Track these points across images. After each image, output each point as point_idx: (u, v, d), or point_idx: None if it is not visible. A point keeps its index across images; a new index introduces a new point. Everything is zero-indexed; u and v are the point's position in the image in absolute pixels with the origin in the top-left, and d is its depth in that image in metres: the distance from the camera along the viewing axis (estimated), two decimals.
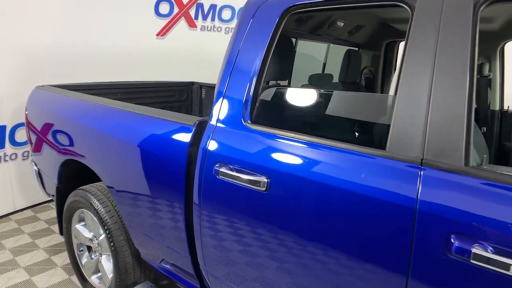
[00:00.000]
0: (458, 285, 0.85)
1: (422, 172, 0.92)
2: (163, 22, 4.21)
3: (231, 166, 1.27)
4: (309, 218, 1.09)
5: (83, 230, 2.17)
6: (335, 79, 2.32)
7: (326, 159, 1.09)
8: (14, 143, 3.19)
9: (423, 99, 0.95)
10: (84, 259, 2.24)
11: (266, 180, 1.18)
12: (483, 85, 2.12)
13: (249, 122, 1.31)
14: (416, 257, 0.90)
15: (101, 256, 2.09)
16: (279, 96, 1.44)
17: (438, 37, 0.95)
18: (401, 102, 0.99)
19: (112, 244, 1.92)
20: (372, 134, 1.26)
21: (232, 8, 4.43)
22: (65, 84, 2.64)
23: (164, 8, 4.20)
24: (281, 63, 1.46)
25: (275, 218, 1.17)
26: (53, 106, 2.28)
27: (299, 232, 1.11)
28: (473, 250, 0.81)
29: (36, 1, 3.10)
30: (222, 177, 1.30)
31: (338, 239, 1.04)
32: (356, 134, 1.33)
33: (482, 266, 0.80)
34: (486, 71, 2.08)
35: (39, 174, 2.53)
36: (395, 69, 2.54)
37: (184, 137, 1.44)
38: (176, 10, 4.27)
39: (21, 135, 3.17)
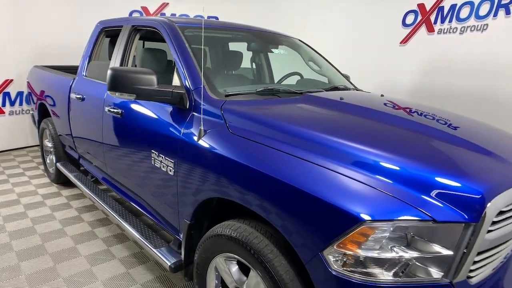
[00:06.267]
0: (112, 122, 2.54)
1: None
2: None
3: (76, 92, 3.05)
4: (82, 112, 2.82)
5: (47, 142, 4.07)
6: None
7: (96, 89, 2.82)
8: (28, 103, 5.20)
9: (112, 63, 2.66)
10: (48, 160, 4.14)
11: (81, 97, 2.94)
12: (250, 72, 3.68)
13: (84, 75, 3.09)
14: (104, 117, 2.60)
15: (53, 155, 3.97)
16: (92, 66, 3.16)
17: (128, 40, 2.65)
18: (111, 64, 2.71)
19: (54, 146, 3.79)
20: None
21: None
22: (51, 65, 4.55)
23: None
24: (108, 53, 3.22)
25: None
26: (40, 76, 4.19)
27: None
28: (107, 109, 2.52)
29: (47, 14, 5.09)
30: (73, 98, 3.08)
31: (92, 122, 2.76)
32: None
33: (111, 113, 2.51)
34: (262, 62, 3.64)
35: (32, 115, 4.49)
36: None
37: (69, 84, 3.25)
38: None
39: None
